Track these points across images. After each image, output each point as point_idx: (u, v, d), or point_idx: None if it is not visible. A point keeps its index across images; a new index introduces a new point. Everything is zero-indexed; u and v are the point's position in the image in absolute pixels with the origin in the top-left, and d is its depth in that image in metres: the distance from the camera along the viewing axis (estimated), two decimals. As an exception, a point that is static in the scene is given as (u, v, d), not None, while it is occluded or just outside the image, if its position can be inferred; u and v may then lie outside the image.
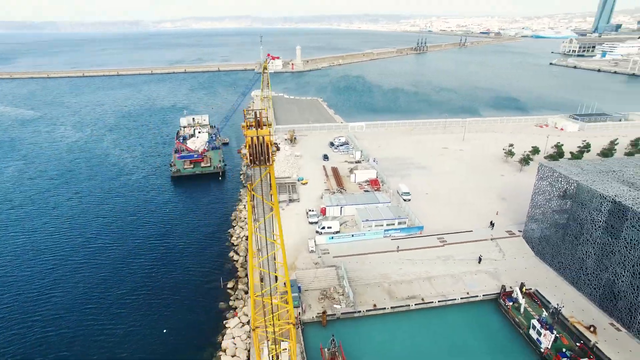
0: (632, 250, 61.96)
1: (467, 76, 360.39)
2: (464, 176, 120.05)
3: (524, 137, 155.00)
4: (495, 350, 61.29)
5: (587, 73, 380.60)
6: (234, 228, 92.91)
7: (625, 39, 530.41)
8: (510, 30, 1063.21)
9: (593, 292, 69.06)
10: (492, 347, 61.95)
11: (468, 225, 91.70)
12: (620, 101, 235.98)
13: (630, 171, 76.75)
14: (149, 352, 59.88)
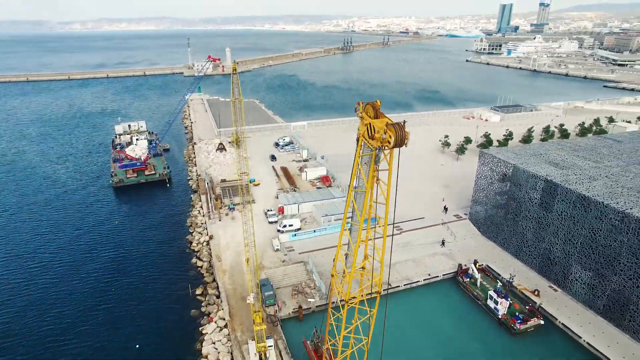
0: (563, 221, 71.14)
1: (394, 73, 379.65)
2: (408, 167, 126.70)
3: (455, 129, 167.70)
4: (459, 323, 67.09)
5: (497, 69, 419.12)
6: (192, 234, 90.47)
7: (525, 39, 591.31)
8: (427, 30, 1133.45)
9: (533, 261, 77.95)
10: (457, 319, 67.73)
11: (419, 212, 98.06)
12: (528, 93, 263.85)
13: (553, 154, 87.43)
14: (124, 370, 57.19)
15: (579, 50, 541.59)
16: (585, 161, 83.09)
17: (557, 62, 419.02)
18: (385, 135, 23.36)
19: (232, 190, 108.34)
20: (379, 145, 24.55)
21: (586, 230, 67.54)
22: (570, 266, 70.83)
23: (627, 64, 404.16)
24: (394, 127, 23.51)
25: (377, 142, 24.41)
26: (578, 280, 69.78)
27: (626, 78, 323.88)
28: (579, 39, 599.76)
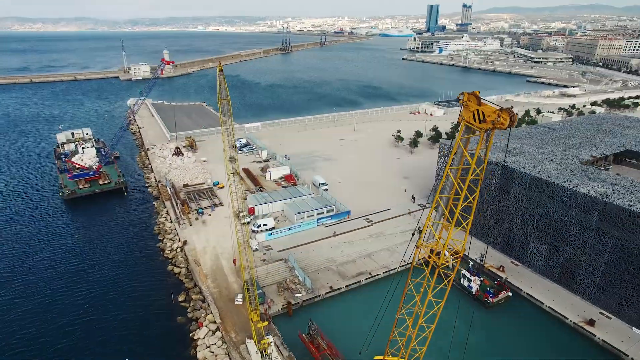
0: (520, 202, 78.70)
1: (336, 71, 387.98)
2: (367, 162, 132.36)
3: (404, 124, 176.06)
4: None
5: (432, 66, 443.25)
6: (163, 242, 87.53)
7: (453, 37, 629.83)
8: (361, 30, 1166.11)
9: (495, 240, 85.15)
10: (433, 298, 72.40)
11: (385, 204, 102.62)
12: (463, 88, 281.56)
13: (504, 142, 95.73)
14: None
15: (500, 48, 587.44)
16: (532, 147, 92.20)
17: (485, 59, 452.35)
18: (500, 118, 26.14)
19: (197, 194, 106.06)
20: (490, 127, 27.16)
21: (541, 208, 75.34)
22: (529, 242, 78.53)
23: (542, 61, 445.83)
24: (507, 111, 26.53)
25: (488, 125, 26.99)
26: (536, 253, 77.59)
27: (543, 73, 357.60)
28: (500, 38, 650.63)
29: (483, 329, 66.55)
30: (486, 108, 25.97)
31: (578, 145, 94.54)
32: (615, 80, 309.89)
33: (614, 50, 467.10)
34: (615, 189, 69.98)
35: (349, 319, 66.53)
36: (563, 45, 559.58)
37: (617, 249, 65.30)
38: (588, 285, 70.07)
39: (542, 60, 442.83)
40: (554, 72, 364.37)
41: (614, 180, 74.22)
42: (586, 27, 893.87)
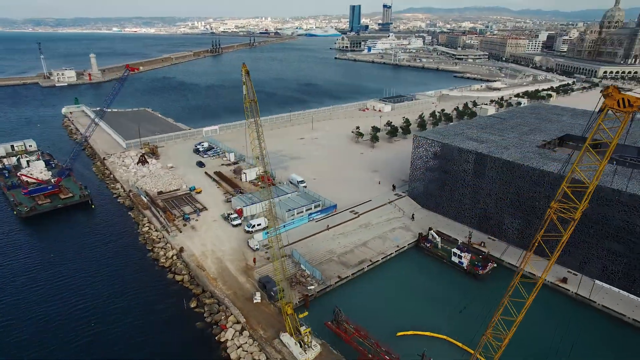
0: (494, 184, 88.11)
1: (272, 71, 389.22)
2: (334, 159, 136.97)
3: (357, 121, 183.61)
4: (435, 279, 78.89)
5: (365, 64, 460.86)
6: (154, 251, 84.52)
7: (380, 36, 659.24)
8: (287, 30, 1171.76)
9: (472, 220, 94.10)
10: (431, 277, 79.52)
11: (364, 196, 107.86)
12: (398, 85, 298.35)
13: (468, 132, 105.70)
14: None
15: (423, 46, 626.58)
16: (493, 135, 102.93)
17: (413, 57, 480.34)
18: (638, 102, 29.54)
19: (176, 201, 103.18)
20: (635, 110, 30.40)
21: (513, 188, 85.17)
22: (503, 219, 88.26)
23: (463, 57, 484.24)
24: None
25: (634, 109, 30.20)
26: (510, 228, 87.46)
27: (467, 69, 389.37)
28: (422, 37, 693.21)
29: (477, 297, 74.21)
30: (629, 96, 30.17)
31: (529, 132, 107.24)
32: (527, 74, 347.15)
33: (520, 48, 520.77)
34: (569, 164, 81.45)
35: (363, 303, 70.53)
36: (477, 43, 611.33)
37: (582, 219, 76.25)
38: (562, 253, 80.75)
39: (463, 57, 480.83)
40: (476, 68, 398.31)
41: (569, 160, 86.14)
42: (492, 27, 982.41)
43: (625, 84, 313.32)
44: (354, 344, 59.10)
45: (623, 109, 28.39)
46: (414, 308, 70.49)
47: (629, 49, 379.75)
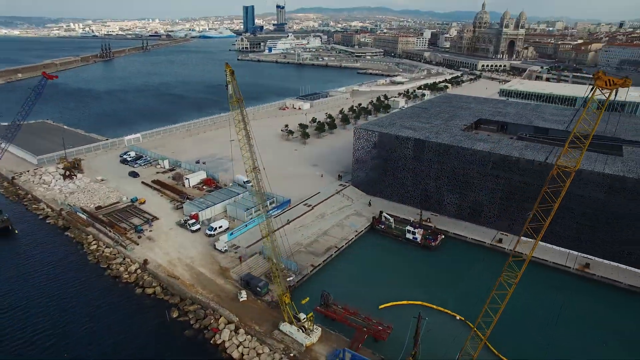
0: (433, 165, 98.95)
1: (175, 74, 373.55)
2: (270, 157, 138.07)
3: (280, 119, 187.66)
4: (395, 255, 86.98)
5: (269, 64, 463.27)
6: (112, 268, 78.85)
7: (279, 37, 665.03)
8: (179, 32, 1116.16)
9: (414, 200, 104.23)
10: (392, 254, 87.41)
11: (312, 189, 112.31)
12: (307, 83, 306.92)
13: (399, 122, 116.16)
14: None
15: (322, 45, 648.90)
16: (422, 123, 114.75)
17: (315, 56, 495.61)
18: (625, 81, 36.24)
19: (121, 214, 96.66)
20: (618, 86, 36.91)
21: (449, 167, 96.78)
22: (443, 195, 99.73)
23: (361, 55, 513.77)
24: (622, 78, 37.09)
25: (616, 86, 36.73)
26: (449, 203, 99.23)
27: (367, 66, 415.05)
28: (319, 36, 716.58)
29: (434, 265, 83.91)
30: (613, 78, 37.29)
31: (450, 119, 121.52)
32: (422, 69, 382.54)
33: (410, 45, 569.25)
34: (495, 144, 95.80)
35: (340, 286, 74.80)
36: (371, 41, 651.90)
37: (507, 186, 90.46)
38: (490, 217, 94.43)
39: (361, 55, 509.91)
40: (376, 65, 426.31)
41: (490, 139, 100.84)
42: (381, 26, 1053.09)
43: (499, 75, 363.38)
44: (347, 322, 63.43)
45: (609, 87, 36.78)
46: (386, 283, 77.12)
47: (497, 45, 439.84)
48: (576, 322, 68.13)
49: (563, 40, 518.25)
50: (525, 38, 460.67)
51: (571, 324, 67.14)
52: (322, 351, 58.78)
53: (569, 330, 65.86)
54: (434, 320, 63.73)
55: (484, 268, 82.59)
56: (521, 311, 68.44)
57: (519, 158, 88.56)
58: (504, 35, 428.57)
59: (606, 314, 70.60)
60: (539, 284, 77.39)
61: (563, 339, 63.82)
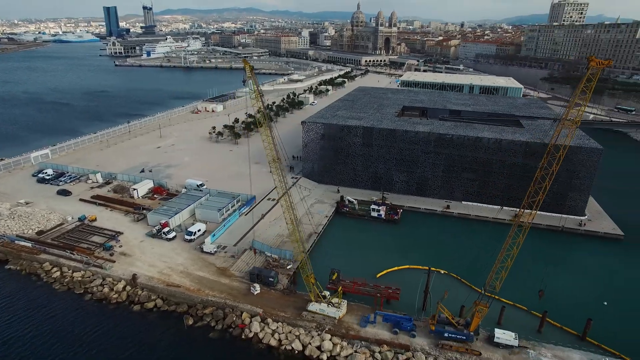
0: (381, 149, 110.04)
1: (40, 84, 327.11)
2: (208, 160, 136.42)
3: (198, 122, 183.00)
4: (366, 232, 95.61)
5: (154, 69, 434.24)
6: (91, 292, 71.87)
7: (159, 40, 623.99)
8: (25, 35, 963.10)
9: (365, 184, 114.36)
10: (363, 231, 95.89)
11: (267, 185, 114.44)
12: (202, 85, 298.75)
13: (340, 113, 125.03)
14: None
15: (203, 47, 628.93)
16: (359, 113, 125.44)
17: (203, 58, 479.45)
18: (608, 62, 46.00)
19: (73, 234, 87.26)
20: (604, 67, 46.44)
21: (396, 149, 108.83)
22: (392, 176, 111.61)
23: (248, 55, 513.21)
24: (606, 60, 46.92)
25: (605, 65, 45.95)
26: (398, 182, 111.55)
27: (259, 66, 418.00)
28: (197, 38, 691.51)
29: (402, 235, 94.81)
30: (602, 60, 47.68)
31: (379, 108, 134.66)
32: (313, 67, 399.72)
33: (293, 45, 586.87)
34: (432, 126, 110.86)
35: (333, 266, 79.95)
36: (252, 41, 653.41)
37: (446, 160, 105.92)
38: (435, 189, 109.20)
39: (248, 55, 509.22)
40: (267, 64, 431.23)
41: (424, 122, 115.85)
42: (256, 27, 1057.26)
43: (383, 70, 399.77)
44: (360, 292, 69.66)
45: (600, 66, 48.96)
46: (370, 255, 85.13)
47: (375, 42, 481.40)
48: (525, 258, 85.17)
49: (427, 37, 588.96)
50: (397, 35, 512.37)
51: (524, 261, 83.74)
52: (352, 320, 64.31)
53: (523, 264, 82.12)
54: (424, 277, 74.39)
55: (440, 231, 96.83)
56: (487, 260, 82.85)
57: (453, 135, 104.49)
58: (380, 33, 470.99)
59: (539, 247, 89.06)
60: (487, 235, 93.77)
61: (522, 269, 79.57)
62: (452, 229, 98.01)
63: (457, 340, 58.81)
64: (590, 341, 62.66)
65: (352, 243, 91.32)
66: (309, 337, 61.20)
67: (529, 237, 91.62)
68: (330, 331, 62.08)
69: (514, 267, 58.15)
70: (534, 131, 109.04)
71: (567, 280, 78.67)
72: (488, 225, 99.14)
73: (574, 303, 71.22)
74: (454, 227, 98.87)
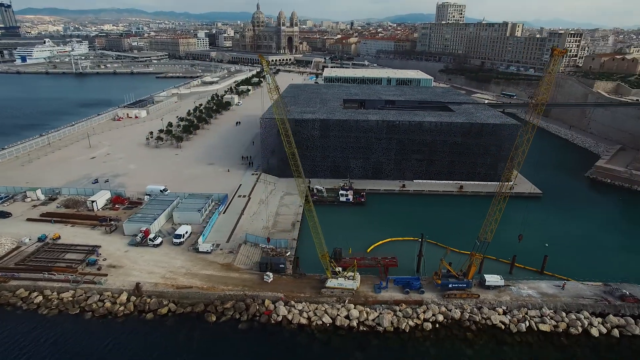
0: (338, 139, 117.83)
1: None
2: (157, 166, 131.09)
3: (125, 130, 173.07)
4: (340, 215, 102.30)
5: (39, 76, 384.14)
6: (92, 309, 67.65)
7: (35, 43, 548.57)
8: None
9: (325, 172, 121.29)
10: (337, 214, 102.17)
11: (231, 184, 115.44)
12: (104, 92, 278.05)
13: (291, 108, 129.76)
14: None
15: (90, 52, 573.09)
16: (307, 107, 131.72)
17: (97, 63, 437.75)
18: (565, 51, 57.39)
19: (39, 256, 79.52)
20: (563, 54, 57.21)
21: (352, 138, 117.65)
22: (349, 163, 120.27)
23: (146, 59, 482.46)
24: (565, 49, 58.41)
25: (564, 52, 56.82)
26: (355, 167, 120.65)
27: (163, 70, 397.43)
28: (80, 41, 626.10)
29: (369, 214, 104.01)
30: (563, 50, 58.93)
31: (324, 102, 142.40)
32: (222, 68, 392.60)
33: (192, 46, 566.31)
34: (380, 115, 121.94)
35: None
36: (146, 44, 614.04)
37: (398, 145, 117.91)
38: (388, 171, 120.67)
39: (146, 59, 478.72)
40: (172, 68, 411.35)
41: (373, 112, 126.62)
42: (143, 29, 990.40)
43: (289, 68, 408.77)
44: (362, 265, 76.63)
45: (560, 54, 61.27)
46: (351, 235, 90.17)
47: (278, 42, 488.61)
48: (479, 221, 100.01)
49: (326, 36, 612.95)
50: (299, 34, 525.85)
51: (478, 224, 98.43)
52: (366, 290, 71.17)
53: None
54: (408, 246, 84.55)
55: (402, 207, 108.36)
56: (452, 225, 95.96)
57: (401, 121, 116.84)
58: (282, 33, 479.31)
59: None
60: (441, 206, 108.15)
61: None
62: (411, 205, 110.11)
63: (459, 289, 69.27)
64: (546, 273, 78.41)
65: (331, 226, 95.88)
66: (335, 309, 66.50)
67: (474, 205, 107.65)
68: (351, 302, 68.07)
69: (474, 229, 70.90)
70: (464, 114, 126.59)
71: (514, 231, 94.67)
72: (440, 198, 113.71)
73: (524, 247, 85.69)
74: (412, 203, 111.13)
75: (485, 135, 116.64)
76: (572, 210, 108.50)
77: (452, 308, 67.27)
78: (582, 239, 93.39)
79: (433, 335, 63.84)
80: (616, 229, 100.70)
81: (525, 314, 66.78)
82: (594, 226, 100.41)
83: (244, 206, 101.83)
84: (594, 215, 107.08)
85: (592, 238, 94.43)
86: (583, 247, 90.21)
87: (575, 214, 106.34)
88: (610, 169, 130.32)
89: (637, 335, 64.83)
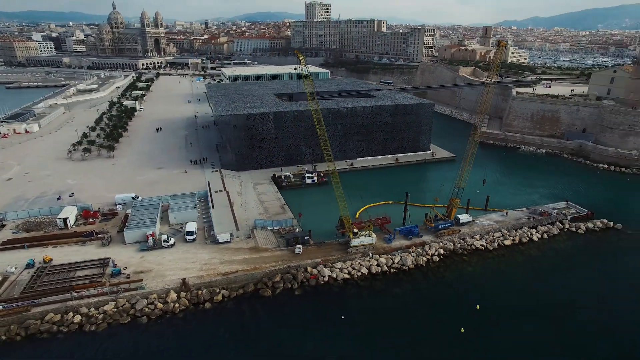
0: (291, 130, 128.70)
1: None
2: (99, 178, 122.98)
3: (29, 145, 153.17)
4: (310, 195, 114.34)
5: None
6: (145, 314, 67.96)
7: None
8: None
9: (281, 162, 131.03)
10: (308, 195, 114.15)
11: (201, 182, 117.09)
12: None
13: (237, 105, 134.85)
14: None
15: None
16: (251, 103, 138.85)
17: None
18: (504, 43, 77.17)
19: (48, 277, 74.02)
20: (504, 45, 77.70)
21: (302, 127, 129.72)
22: (301, 150, 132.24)
23: None
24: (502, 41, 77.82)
25: (505, 44, 77.38)
26: (307, 153, 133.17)
27: (14, 79, 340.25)
28: None
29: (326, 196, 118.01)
30: (503, 42, 78.89)
31: (259, 97, 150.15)
32: (92, 75, 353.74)
33: (33, 51, 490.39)
34: (322, 103, 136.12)
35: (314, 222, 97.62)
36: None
37: (342, 129, 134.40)
38: (335, 153, 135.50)
39: None
40: (25, 77, 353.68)
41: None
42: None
43: (165, 71, 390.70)
44: (364, 227, 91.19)
45: (503, 45, 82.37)
46: (330, 208, 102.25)
47: (144, 44, 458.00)
48: (423, 183, 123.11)
49: (192, 37, 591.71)
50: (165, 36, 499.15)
51: (425, 184, 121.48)
52: (379, 242, 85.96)
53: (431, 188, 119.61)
54: (384, 208, 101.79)
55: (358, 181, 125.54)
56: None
57: (341, 108, 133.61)
58: (148, 35, 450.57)
59: (420, 174, 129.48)
60: (388, 176, 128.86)
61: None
62: (362, 178, 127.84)
63: (447, 228, 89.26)
64: (490, 209, 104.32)
65: (310, 205, 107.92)
66: (366, 262, 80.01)
67: (410, 171, 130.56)
68: (374, 253, 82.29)
69: (422, 188, 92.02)
70: (386, 98, 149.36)
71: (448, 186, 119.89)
72: (383, 170, 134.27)
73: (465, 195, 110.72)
74: (363, 176, 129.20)
75: (409, 114, 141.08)
76: (478, 165, 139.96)
77: (447, 242, 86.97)
78: (496, 183, 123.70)
79: (442, 264, 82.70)
80: (512, 173, 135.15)
81: (493, 236, 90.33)
82: (498, 173, 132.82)
83: (228, 198, 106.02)
84: (493, 165, 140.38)
85: (501, 181, 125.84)
86: (499, 187, 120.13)
87: (482, 166, 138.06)
88: (490, 132, 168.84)
89: (557, 234, 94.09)
